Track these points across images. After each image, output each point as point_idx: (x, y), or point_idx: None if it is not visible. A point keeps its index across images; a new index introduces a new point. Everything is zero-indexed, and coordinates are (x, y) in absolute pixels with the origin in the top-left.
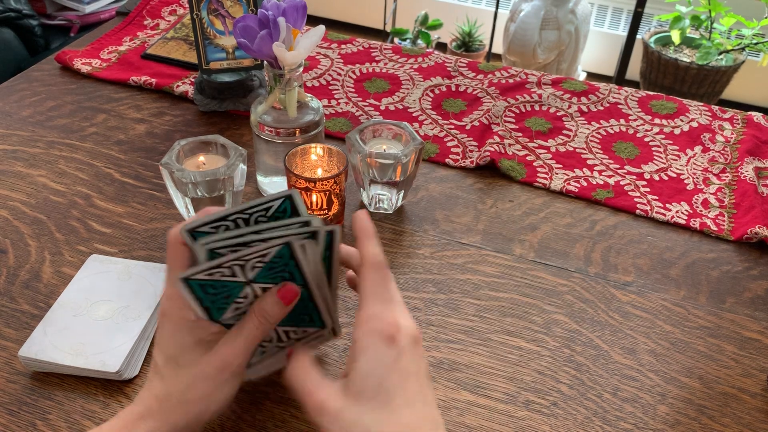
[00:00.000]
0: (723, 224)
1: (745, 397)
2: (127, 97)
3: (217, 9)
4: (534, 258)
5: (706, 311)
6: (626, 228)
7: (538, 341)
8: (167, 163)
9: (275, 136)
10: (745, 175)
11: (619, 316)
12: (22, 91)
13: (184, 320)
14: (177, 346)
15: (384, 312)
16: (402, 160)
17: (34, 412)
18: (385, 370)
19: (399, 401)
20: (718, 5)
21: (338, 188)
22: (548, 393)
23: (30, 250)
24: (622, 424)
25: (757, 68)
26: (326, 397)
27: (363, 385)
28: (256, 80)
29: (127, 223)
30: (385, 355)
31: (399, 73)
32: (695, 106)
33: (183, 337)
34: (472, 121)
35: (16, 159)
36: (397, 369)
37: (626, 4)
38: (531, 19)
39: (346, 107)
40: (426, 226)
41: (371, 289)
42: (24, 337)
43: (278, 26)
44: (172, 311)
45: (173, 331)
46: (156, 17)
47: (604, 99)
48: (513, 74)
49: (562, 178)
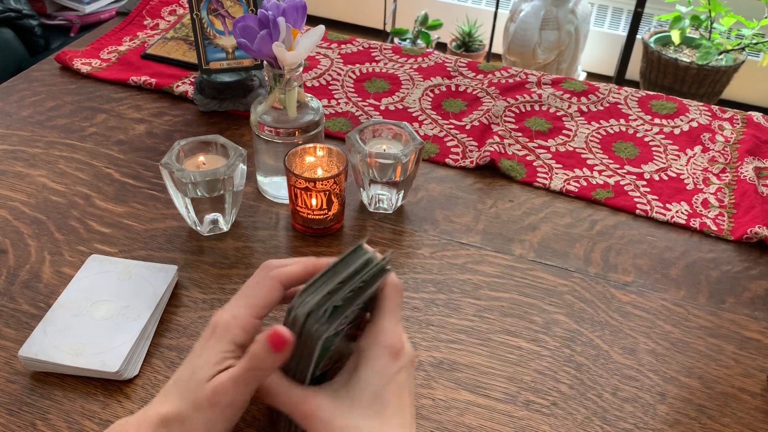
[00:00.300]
0: (723, 224)
1: (745, 397)
2: (127, 97)
3: (217, 9)
4: (534, 258)
5: (706, 311)
6: (626, 228)
7: (538, 341)
8: (167, 163)
9: (275, 136)
10: (745, 175)
11: (619, 316)
12: (22, 91)
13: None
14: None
15: (395, 329)
16: (402, 160)
17: (34, 412)
18: (385, 382)
19: (391, 411)
20: (718, 5)
21: (338, 188)
22: (548, 393)
23: (30, 250)
24: (622, 424)
25: (757, 68)
26: (317, 405)
27: (360, 392)
28: (256, 80)
29: (127, 223)
30: (387, 367)
31: (399, 73)
32: (695, 106)
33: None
34: (472, 121)
35: (16, 159)
36: (396, 382)
37: (626, 4)
38: (531, 19)
39: (346, 107)
40: (426, 226)
41: (389, 307)
42: (24, 337)
43: (278, 26)
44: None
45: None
46: (156, 17)
47: (604, 99)
48: (513, 74)
49: (562, 178)
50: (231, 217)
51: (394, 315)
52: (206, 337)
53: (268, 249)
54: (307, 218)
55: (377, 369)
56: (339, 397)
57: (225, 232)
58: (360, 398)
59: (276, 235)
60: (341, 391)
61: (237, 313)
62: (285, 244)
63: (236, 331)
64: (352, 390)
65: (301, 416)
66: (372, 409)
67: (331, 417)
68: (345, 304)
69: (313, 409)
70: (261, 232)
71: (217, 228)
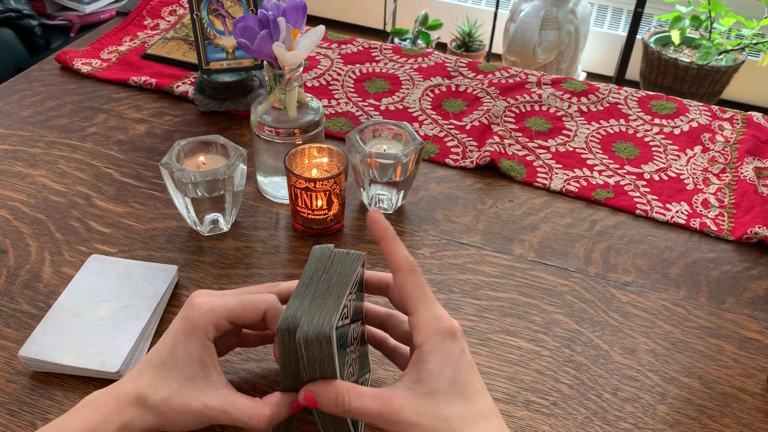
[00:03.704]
0: (723, 224)
1: (745, 397)
2: (127, 97)
3: (217, 9)
4: (534, 258)
5: (706, 311)
6: (626, 228)
7: (538, 341)
8: (167, 163)
9: (275, 136)
10: (745, 175)
11: (619, 316)
12: (22, 91)
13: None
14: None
15: (438, 312)
16: (402, 160)
17: (34, 412)
18: (455, 366)
19: (471, 391)
20: (718, 5)
21: (338, 188)
22: (548, 393)
23: (30, 250)
24: (622, 424)
25: (757, 68)
26: (400, 407)
27: (436, 383)
28: (256, 80)
29: (127, 223)
30: (452, 351)
31: (399, 73)
32: (695, 106)
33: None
34: (472, 121)
35: (16, 159)
36: (464, 362)
37: (626, 4)
38: (531, 19)
39: (346, 107)
40: (426, 226)
41: (416, 293)
42: (24, 337)
43: (278, 26)
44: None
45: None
46: (156, 17)
47: (604, 99)
48: (513, 74)
49: (562, 178)
50: (231, 217)
51: (425, 299)
52: (181, 328)
53: (268, 249)
54: (307, 218)
55: (444, 356)
56: (417, 394)
57: (225, 232)
58: (438, 389)
59: (276, 235)
60: (417, 387)
61: (215, 307)
62: (285, 244)
63: (209, 328)
64: (427, 383)
65: (384, 422)
66: (453, 395)
67: (418, 417)
68: (335, 300)
69: (398, 411)
70: (261, 232)
71: (217, 228)
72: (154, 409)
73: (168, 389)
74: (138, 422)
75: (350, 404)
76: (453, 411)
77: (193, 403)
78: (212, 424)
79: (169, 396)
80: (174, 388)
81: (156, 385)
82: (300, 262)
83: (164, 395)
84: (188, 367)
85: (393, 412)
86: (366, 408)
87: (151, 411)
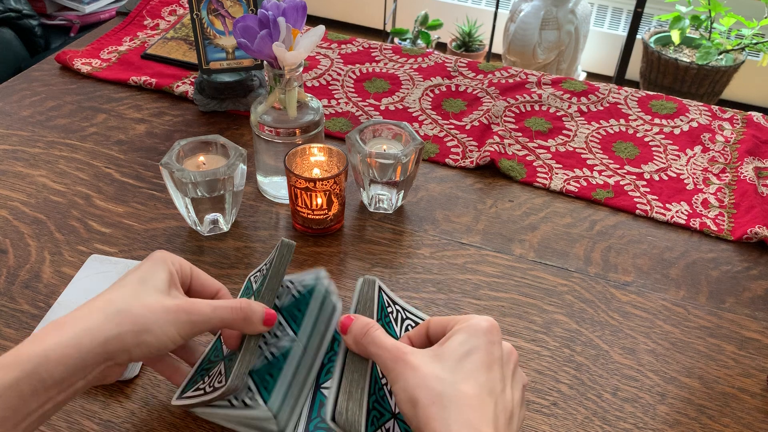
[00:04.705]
0: (723, 224)
1: (745, 397)
2: (127, 97)
3: (217, 9)
4: (534, 258)
5: (706, 311)
6: (626, 228)
7: (538, 341)
8: (167, 163)
9: (275, 136)
10: (745, 175)
11: (619, 316)
12: (22, 91)
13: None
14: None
15: (476, 316)
16: (402, 160)
17: None
18: (477, 345)
19: (469, 367)
20: (718, 5)
21: (338, 188)
22: (548, 393)
23: (30, 250)
24: (622, 424)
25: (757, 68)
26: (410, 351)
27: (451, 351)
28: (256, 80)
29: (127, 223)
30: (482, 334)
31: (399, 73)
32: (695, 106)
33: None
34: (472, 121)
35: (16, 159)
36: (488, 352)
37: (626, 4)
38: (531, 19)
39: (346, 107)
40: (426, 226)
41: (445, 320)
42: (24, 337)
43: (278, 26)
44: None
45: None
46: (156, 17)
47: (604, 99)
48: (513, 74)
49: (562, 178)
50: (231, 217)
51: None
52: (147, 261)
53: (268, 249)
54: (307, 218)
55: (472, 332)
56: (432, 353)
57: (225, 232)
58: (451, 354)
59: (276, 235)
60: (436, 348)
61: (177, 261)
62: None
63: (174, 261)
64: (446, 348)
65: (388, 359)
66: (458, 367)
67: (420, 363)
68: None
69: (406, 353)
70: (261, 232)
71: (217, 228)
72: (128, 313)
73: (145, 297)
74: (116, 332)
75: (372, 333)
76: (448, 376)
77: (167, 302)
78: (193, 331)
79: (145, 302)
80: (151, 296)
81: (126, 297)
82: (300, 262)
83: (141, 302)
84: (161, 284)
85: (402, 351)
86: (381, 342)
87: (126, 316)
